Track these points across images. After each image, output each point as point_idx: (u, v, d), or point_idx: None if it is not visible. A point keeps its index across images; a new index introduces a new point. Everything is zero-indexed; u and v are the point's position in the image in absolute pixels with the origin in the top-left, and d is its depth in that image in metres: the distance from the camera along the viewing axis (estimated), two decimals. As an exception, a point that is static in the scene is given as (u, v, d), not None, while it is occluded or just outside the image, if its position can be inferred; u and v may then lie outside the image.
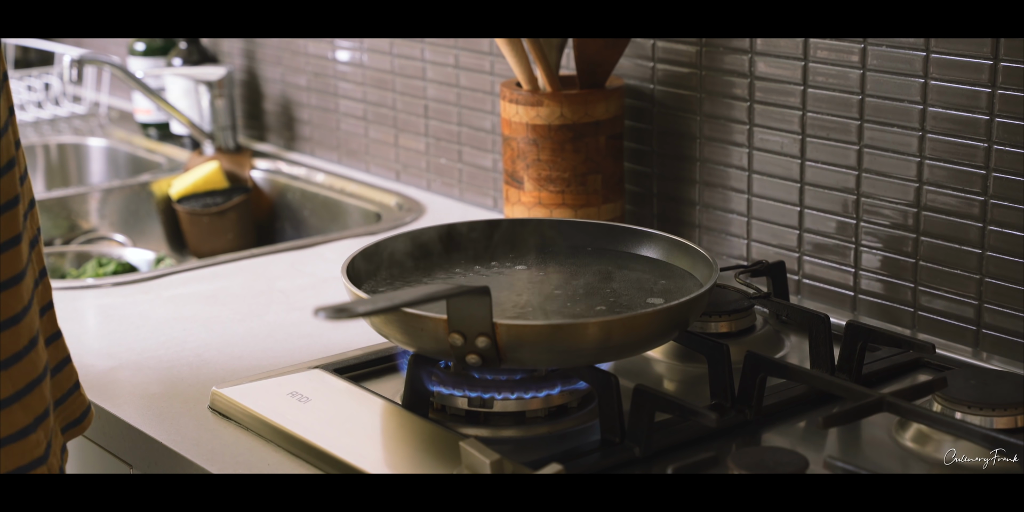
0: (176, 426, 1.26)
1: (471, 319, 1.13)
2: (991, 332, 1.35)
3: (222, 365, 1.39)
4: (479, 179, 1.88)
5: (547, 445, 1.18)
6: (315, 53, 2.10)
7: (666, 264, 1.35)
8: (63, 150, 2.41)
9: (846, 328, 1.29)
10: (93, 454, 1.35)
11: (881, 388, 1.25)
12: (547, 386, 1.21)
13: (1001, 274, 1.33)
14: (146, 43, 2.31)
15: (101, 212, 2.12)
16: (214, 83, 2.14)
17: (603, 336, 1.16)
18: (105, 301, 1.59)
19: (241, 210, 2.10)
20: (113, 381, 1.36)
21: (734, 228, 1.56)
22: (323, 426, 1.21)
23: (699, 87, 1.56)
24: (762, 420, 1.21)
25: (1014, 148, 1.29)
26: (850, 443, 1.19)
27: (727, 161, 1.55)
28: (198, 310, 1.55)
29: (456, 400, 1.22)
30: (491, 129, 1.84)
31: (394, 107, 1.99)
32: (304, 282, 1.64)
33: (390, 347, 1.35)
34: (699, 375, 1.29)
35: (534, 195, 1.57)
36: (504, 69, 1.79)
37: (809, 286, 1.50)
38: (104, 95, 2.53)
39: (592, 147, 1.56)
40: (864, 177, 1.42)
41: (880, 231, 1.42)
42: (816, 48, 1.43)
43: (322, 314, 1.04)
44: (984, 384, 1.19)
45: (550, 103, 1.54)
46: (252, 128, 2.27)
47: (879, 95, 1.39)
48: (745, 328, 1.38)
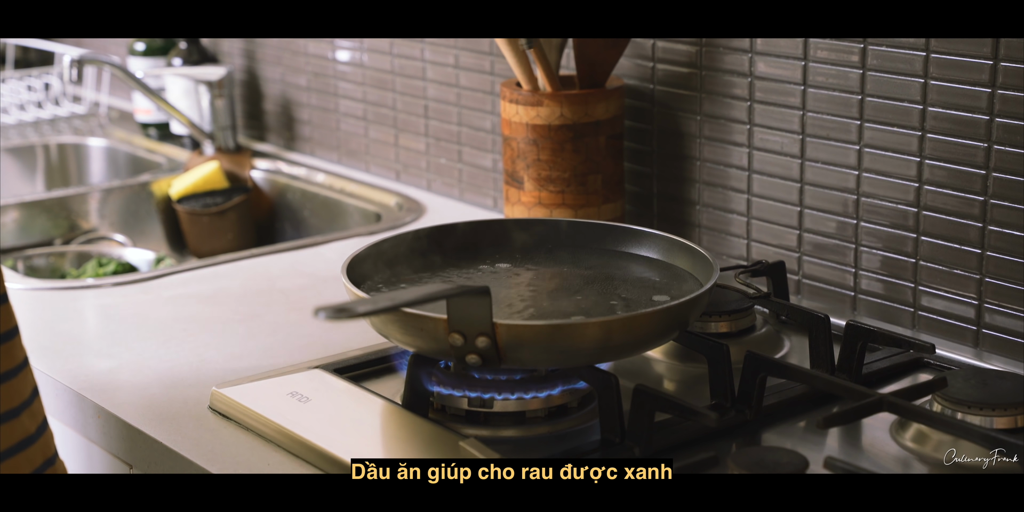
0: (176, 426, 1.26)
1: (471, 319, 1.13)
2: (991, 332, 1.35)
3: (222, 365, 1.39)
4: (479, 179, 1.88)
5: (547, 445, 1.18)
6: (315, 53, 2.10)
7: (666, 264, 1.35)
8: (63, 150, 2.41)
9: (846, 328, 1.29)
10: (93, 454, 1.35)
11: (881, 388, 1.25)
12: (547, 386, 1.21)
13: (1001, 274, 1.33)
14: (146, 43, 2.31)
15: (101, 212, 2.12)
16: (214, 83, 2.14)
17: (603, 336, 1.16)
18: (105, 301, 1.59)
19: (241, 210, 2.10)
20: (113, 381, 1.36)
21: (734, 228, 1.56)
22: (323, 426, 1.21)
23: (699, 87, 1.56)
24: (762, 420, 1.21)
25: (1014, 148, 1.29)
26: (850, 443, 1.19)
27: (727, 161, 1.55)
28: (198, 310, 1.55)
29: (456, 400, 1.22)
30: (491, 129, 1.84)
31: (394, 107, 1.99)
32: (304, 282, 1.64)
33: (390, 347, 1.35)
34: (699, 375, 1.29)
35: (534, 195, 1.57)
36: (504, 69, 1.79)
37: (809, 286, 1.50)
38: (104, 95, 2.53)
39: (592, 147, 1.56)
40: (864, 177, 1.42)
41: (880, 231, 1.42)
42: (816, 48, 1.43)
43: (322, 314, 1.04)
44: (984, 384, 1.19)
45: (550, 103, 1.54)
46: (252, 128, 2.27)
47: (879, 95, 1.39)
48: (745, 328, 1.38)
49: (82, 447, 1.36)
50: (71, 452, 1.39)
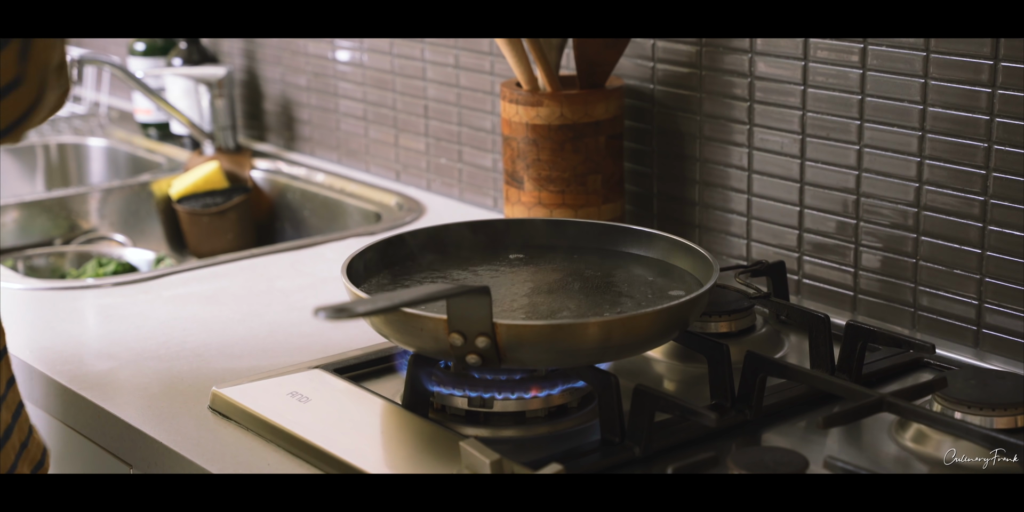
0: (176, 426, 1.26)
1: (471, 319, 1.13)
2: (991, 332, 1.35)
3: (222, 365, 1.39)
4: (479, 179, 1.88)
5: (547, 445, 1.18)
6: (315, 53, 2.10)
7: (666, 264, 1.35)
8: (63, 150, 2.41)
9: (846, 328, 1.29)
10: (93, 454, 1.35)
11: (881, 388, 1.25)
12: (547, 386, 1.21)
13: (1001, 274, 1.33)
14: (146, 43, 2.31)
15: (101, 212, 2.12)
16: (214, 83, 2.14)
17: (603, 336, 1.16)
18: (105, 301, 1.59)
19: (241, 210, 2.10)
20: (113, 381, 1.36)
21: (734, 228, 1.56)
22: (323, 426, 1.21)
23: (699, 87, 1.56)
24: (762, 420, 1.21)
25: (1014, 148, 1.29)
26: (850, 443, 1.19)
27: (727, 161, 1.55)
28: (198, 310, 1.55)
29: (456, 400, 1.22)
30: (491, 129, 1.84)
31: (394, 107, 1.99)
32: (304, 282, 1.64)
33: (390, 347, 1.35)
34: (699, 375, 1.29)
35: (534, 195, 1.57)
36: (504, 69, 1.79)
37: (809, 286, 1.50)
38: (104, 95, 2.53)
39: (592, 147, 1.56)
40: (864, 177, 1.42)
41: (880, 231, 1.42)
42: (816, 48, 1.43)
43: (322, 314, 1.04)
44: (984, 384, 1.19)
45: (550, 103, 1.54)
46: (252, 128, 2.27)
47: (879, 95, 1.39)
48: (745, 328, 1.38)
49: (82, 447, 1.36)
50: (71, 452, 1.39)
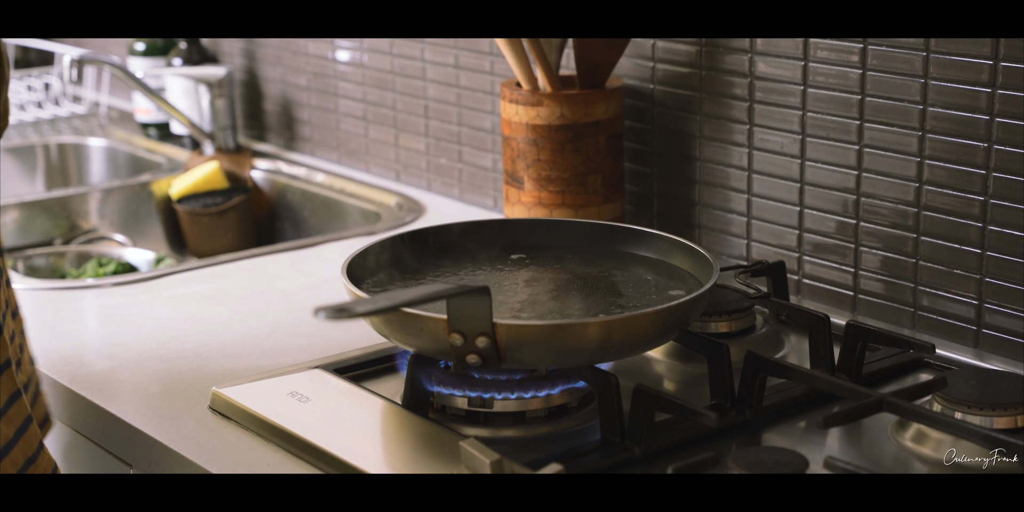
0: (176, 426, 1.26)
1: (471, 319, 1.13)
2: (991, 332, 1.35)
3: (222, 365, 1.39)
4: (479, 179, 1.88)
5: (547, 445, 1.18)
6: (315, 53, 2.10)
7: (666, 264, 1.35)
8: (63, 150, 2.41)
9: (846, 328, 1.29)
10: (93, 454, 1.35)
11: (881, 388, 1.25)
12: (547, 386, 1.21)
13: (1001, 274, 1.33)
14: (146, 43, 2.31)
15: (101, 212, 2.12)
16: (214, 83, 2.14)
17: (603, 336, 1.16)
18: (105, 301, 1.59)
19: (241, 210, 2.10)
20: (113, 381, 1.36)
21: (734, 228, 1.56)
22: (323, 426, 1.21)
23: (699, 87, 1.56)
24: (762, 420, 1.21)
25: (1014, 148, 1.29)
26: (850, 443, 1.19)
27: (727, 161, 1.55)
28: (198, 310, 1.55)
29: (456, 400, 1.22)
30: (491, 129, 1.84)
31: (394, 107, 1.99)
32: (304, 282, 1.64)
33: (390, 347, 1.35)
34: (699, 375, 1.29)
35: (534, 195, 1.57)
36: (504, 69, 1.79)
37: (809, 286, 1.50)
38: (104, 95, 2.53)
39: (592, 147, 1.56)
40: (864, 177, 1.42)
41: (880, 231, 1.42)
42: (816, 48, 1.43)
43: (322, 314, 1.04)
44: (984, 384, 1.19)
45: (550, 103, 1.54)
46: (252, 128, 2.27)
47: (879, 95, 1.39)
48: (745, 328, 1.38)
49: (82, 447, 1.36)
50: (71, 452, 1.39)
